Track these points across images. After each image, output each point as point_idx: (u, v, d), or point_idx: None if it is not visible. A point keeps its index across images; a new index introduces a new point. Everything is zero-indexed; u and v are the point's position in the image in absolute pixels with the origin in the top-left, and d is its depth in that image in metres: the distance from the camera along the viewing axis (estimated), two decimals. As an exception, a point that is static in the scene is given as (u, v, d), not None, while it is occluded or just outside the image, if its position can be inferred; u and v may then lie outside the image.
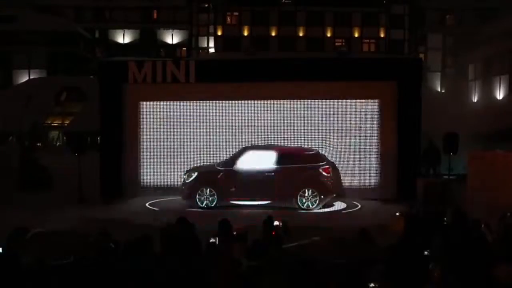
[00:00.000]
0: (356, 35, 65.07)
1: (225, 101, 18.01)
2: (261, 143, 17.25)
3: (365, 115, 17.68)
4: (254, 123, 17.98)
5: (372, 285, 5.53)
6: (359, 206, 16.29)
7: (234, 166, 15.94)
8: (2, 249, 7.05)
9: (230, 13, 66.11)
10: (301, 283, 5.53)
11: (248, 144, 16.90)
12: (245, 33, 65.44)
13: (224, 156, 16.90)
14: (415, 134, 17.38)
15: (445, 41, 61.72)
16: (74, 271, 6.34)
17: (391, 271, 5.83)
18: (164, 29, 68.48)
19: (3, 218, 12.25)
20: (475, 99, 43.73)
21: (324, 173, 15.88)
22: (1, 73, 62.20)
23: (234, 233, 8.39)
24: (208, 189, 15.99)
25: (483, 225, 8.41)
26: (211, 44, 68.22)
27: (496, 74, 41.11)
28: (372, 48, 65.16)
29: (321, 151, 16.62)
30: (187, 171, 16.45)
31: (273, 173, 15.81)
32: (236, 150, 16.64)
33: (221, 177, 15.98)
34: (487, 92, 41.72)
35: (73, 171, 17.56)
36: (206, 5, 68.14)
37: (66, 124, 48.61)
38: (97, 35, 68.86)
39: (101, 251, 6.88)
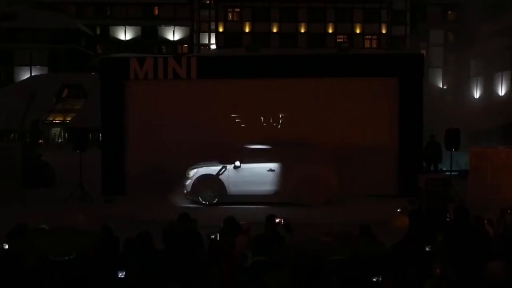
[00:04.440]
0: (358, 31, 65.01)
1: (226, 97, 17.97)
2: (262, 139, 17.22)
3: (366, 111, 17.63)
4: (256, 120, 17.95)
5: (375, 279, 5.54)
6: (361, 202, 16.25)
7: (235, 163, 15.97)
8: (8, 246, 7.07)
9: (231, 9, 66.07)
10: (305, 279, 5.53)
11: (250, 141, 16.87)
12: (247, 29, 65.40)
13: (226, 153, 16.87)
14: (417, 130, 17.34)
15: (446, 36, 61.64)
16: (76, 267, 6.35)
17: (394, 267, 5.82)
18: (165, 26, 68.51)
19: (5, 215, 12.25)
20: (477, 95, 43.70)
21: (323, 169, 15.89)
22: (2, 70, 62.29)
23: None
24: (209, 186, 16.05)
25: (486, 222, 8.41)
26: (213, 40, 68.28)
27: (498, 70, 41.07)
28: (374, 44, 65.13)
29: (322, 147, 16.61)
30: (189, 168, 16.46)
31: (272, 170, 15.88)
32: (237, 146, 16.63)
33: (222, 174, 16.03)
34: (489, 88, 41.70)
35: (75, 168, 17.54)
36: (207, 2, 68.14)
37: (67, 121, 48.66)
38: (98, 32, 68.92)
39: (102, 248, 6.88)
